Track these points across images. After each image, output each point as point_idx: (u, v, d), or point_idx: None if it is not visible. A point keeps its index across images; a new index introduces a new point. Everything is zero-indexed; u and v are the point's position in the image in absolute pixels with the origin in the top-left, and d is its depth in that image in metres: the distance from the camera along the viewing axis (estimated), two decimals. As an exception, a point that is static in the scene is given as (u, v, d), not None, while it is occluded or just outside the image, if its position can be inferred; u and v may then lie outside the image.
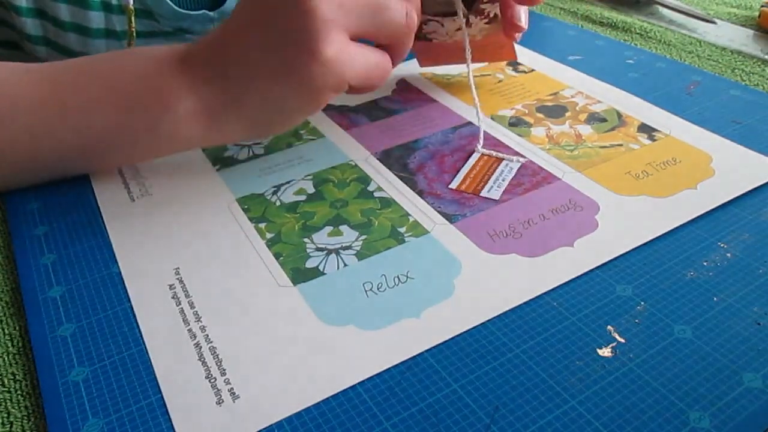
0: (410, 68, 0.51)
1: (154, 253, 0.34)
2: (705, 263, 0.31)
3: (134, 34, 0.48)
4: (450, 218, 0.35)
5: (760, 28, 0.56)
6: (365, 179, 0.39)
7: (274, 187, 0.38)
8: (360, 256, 0.33)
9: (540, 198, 0.36)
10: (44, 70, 0.37)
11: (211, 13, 0.52)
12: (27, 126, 0.36)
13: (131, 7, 0.48)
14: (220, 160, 0.41)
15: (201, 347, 0.28)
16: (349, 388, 0.26)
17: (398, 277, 0.31)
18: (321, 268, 0.32)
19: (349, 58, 0.33)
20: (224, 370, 0.27)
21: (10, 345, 0.30)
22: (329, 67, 0.32)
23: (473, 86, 0.43)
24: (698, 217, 0.34)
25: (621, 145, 0.40)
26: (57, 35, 0.49)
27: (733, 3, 0.62)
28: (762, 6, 0.57)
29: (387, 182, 0.38)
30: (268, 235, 0.35)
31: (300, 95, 0.34)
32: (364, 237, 0.34)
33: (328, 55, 0.32)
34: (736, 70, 0.50)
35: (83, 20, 0.49)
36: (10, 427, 0.26)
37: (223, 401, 0.26)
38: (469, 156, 0.40)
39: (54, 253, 0.35)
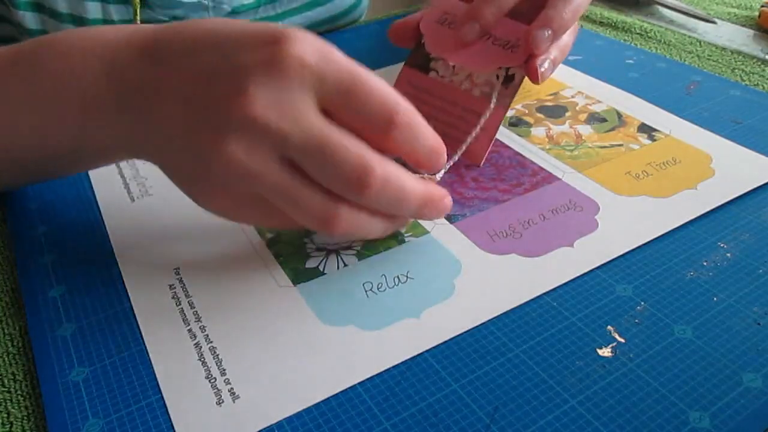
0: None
1: (154, 253, 0.34)
2: (705, 263, 0.31)
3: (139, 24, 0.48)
4: (450, 218, 0.35)
5: (760, 28, 0.56)
6: (365, 179, 0.39)
7: (274, 187, 0.38)
8: (360, 256, 0.33)
9: (540, 198, 0.36)
10: None
11: (205, 1, 0.52)
12: None
13: None
14: (220, 160, 0.41)
15: (201, 347, 0.28)
16: (349, 388, 0.26)
17: (398, 277, 0.31)
18: (321, 268, 0.32)
19: (260, 181, 0.27)
20: (224, 370, 0.27)
21: (10, 345, 0.30)
22: (228, 174, 0.27)
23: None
24: (698, 217, 0.34)
25: (621, 145, 0.40)
26: (55, 28, 0.49)
27: (733, 3, 0.62)
28: (762, 6, 0.57)
29: (387, 182, 0.38)
30: (268, 235, 0.35)
31: (196, 177, 0.29)
32: (364, 237, 0.34)
33: (232, 160, 0.26)
34: (736, 70, 0.50)
35: (80, 11, 0.49)
36: (10, 427, 0.26)
37: (223, 401, 0.26)
38: None
39: (54, 253, 0.35)
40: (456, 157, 0.37)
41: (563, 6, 0.37)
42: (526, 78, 0.40)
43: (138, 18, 0.48)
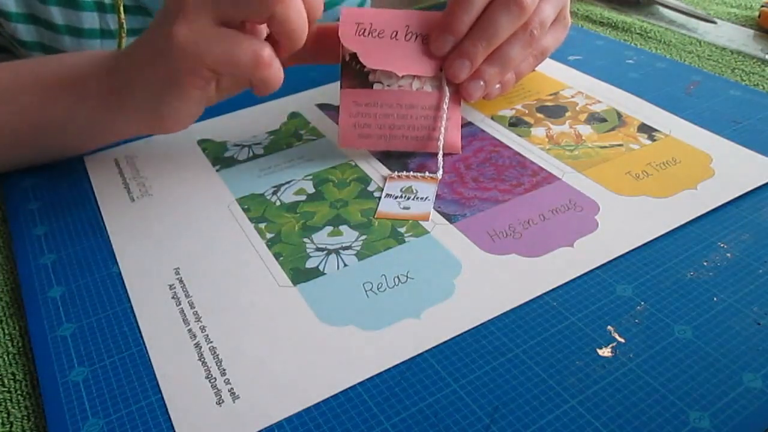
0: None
1: (154, 253, 0.34)
2: (705, 263, 0.31)
3: (124, 25, 0.48)
4: (450, 218, 0.35)
5: (760, 28, 0.56)
6: (365, 179, 0.39)
7: (274, 187, 0.38)
8: (360, 256, 0.33)
9: (540, 198, 0.36)
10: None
11: None
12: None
13: None
14: (221, 160, 0.41)
15: (201, 347, 0.28)
16: (349, 388, 0.26)
17: (398, 277, 0.31)
18: (321, 268, 0.32)
19: (204, 40, 0.32)
20: (224, 370, 0.27)
21: (10, 345, 0.30)
22: (182, 48, 0.32)
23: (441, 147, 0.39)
24: (698, 217, 0.34)
25: (621, 145, 0.40)
26: (52, 39, 0.49)
27: (733, 3, 0.62)
28: (762, 6, 0.57)
29: (387, 182, 0.38)
30: (268, 235, 0.35)
31: (165, 77, 0.34)
32: (364, 237, 0.34)
33: (179, 36, 0.32)
34: (736, 70, 0.50)
35: (76, 21, 0.49)
36: (10, 427, 0.26)
37: (223, 401, 0.26)
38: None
39: (54, 253, 0.35)
40: (441, 154, 0.38)
41: (478, 38, 0.37)
42: (527, 78, 0.40)
43: (123, 18, 0.48)
